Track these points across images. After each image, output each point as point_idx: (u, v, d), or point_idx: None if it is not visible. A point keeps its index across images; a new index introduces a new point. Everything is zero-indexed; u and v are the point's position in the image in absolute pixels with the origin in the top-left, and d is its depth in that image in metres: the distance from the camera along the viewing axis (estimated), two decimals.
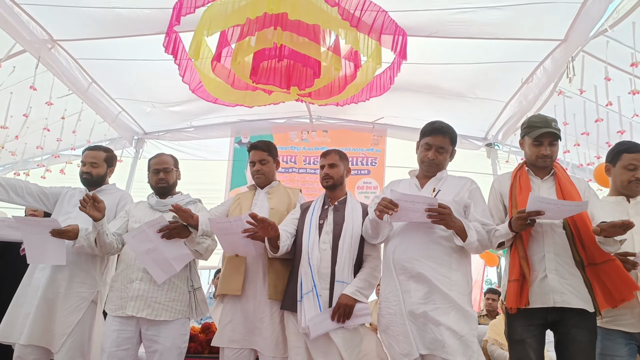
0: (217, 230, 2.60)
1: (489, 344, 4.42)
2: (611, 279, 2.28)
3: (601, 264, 2.31)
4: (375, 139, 6.31)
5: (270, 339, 2.64)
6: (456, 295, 2.31)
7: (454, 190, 2.50)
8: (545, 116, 2.61)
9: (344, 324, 2.47)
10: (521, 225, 2.29)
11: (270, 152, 3.02)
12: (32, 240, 2.74)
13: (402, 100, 5.29)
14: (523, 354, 2.36)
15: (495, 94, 4.96)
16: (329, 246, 2.63)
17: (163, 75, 4.65)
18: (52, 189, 3.18)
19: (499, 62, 4.36)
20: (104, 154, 3.20)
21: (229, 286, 2.76)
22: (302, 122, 6.31)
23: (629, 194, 2.62)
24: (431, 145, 2.57)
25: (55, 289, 2.85)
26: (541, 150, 2.52)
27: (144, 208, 2.98)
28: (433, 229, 2.39)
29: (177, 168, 3.11)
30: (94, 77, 4.76)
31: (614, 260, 2.31)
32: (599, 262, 2.31)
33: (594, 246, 2.30)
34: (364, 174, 6.26)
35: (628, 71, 3.74)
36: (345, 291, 2.51)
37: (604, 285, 2.29)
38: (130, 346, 2.71)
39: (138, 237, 2.63)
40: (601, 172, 3.17)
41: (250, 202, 2.95)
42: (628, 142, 2.70)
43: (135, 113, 5.72)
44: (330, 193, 2.85)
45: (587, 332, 2.31)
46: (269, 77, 3.88)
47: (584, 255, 2.33)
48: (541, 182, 2.55)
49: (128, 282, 2.75)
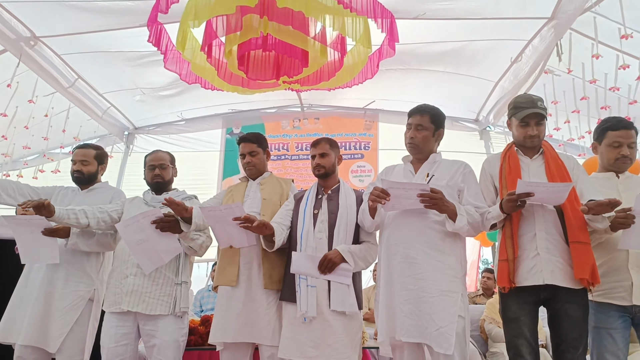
0: (209, 219, 2.60)
1: (486, 322, 4.48)
2: (582, 259, 2.29)
3: (578, 244, 2.31)
4: (368, 124, 6.31)
5: (267, 329, 2.66)
6: (450, 279, 2.32)
7: (448, 175, 2.50)
8: (531, 96, 2.60)
9: (324, 275, 2.53)
10: (512, 207, 2.31)
11: (260, 144, 3.02)
12: (24, 240, 2.75)
13: (392, 82, 5.27)
14: (517, 331, 2.38)
15: (485, 73, 4.96)
16: (325, 235, 2.65)
17: (151, 62, 4.60)
18: (44, 189, 3.17)
19: (487, 39, 4.34)
20: (94, 152, 3.19)
21: (224, 277, 2.78)
22: (294, 111, 6.29)
23: (617, 170, 2.64)
24: (411, 124, 2.60)
25: (51, 289, 2.85)
26: (528, 130, 2.52)
27: (139, 204, 2.98)
28: (427, 214, 2.40)
29: (173, 165, 3.11)
30: (79, 73, 4.71)
31: (588, 244, 2.32)
32: (581, 242, 2.32)
33: (578, 225, 2.32)
34: (358, 158, 6.26)
35: (616, 47, 3.73)
36: (338, 247, 2.57)
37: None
38: (129, 342, 2.73)
39: (131, 227, 2.63)
40: (590, 163, 3.17)
41: (242, 193, 2.95)
42: (613, 119, 2.69)
43: (124, 107, 5.68)
44: (322, 182, 2.86)
45: (579, 307, 2.33)
46: (258, 68, 3.86)
47: (570, 233, 2.34)
48: (530, 162, 2.56)
49: (122, 278, 2.76)
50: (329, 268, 2.54)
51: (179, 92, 5.31)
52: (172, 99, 5.53)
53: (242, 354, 2.74)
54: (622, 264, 2.45)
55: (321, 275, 2.54)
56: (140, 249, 2.65)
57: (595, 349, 2.44)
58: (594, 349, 2.45)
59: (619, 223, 2.30)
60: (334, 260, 2.54)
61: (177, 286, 2.80)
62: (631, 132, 2.60)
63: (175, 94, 5.41)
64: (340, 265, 2.55)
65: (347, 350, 2.50)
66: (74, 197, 3.10)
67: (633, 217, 2.26)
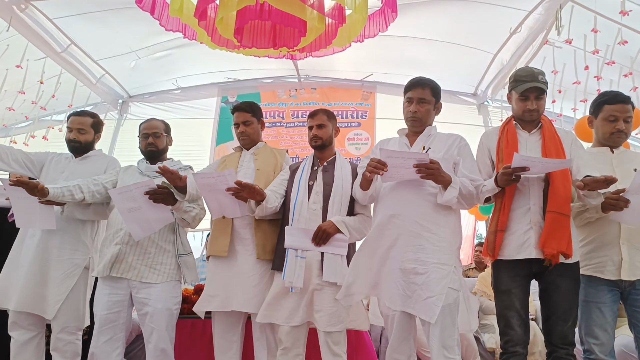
0: (201, 187, 2.58)
1: (477, 295, 4.54)
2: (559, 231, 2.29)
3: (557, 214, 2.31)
4: (365, 95, 6.26)
5: (259, 298, 2.67)
6: (443, 251, 2.32)
7: (444, 148, 2.48)
8: (532, 69, 2.57)
9: (319, 247, 2.54)
10: (506, 180, 2.30)
11: (254, 113, 2.99)
12: (20, 204, 2.73)
13: (390, 55, 5.20)
14: (508, 303, 2.41)
15: (484, 44, 4.89)
16: (319, 206, 2.65)
17: (145, 22, 4.42)
18: (38, 155, 3.13)
19: (487, 3, 4.26)
20: (91, 120, 3.14)
21: (216, 247, 2.78)
22: (290, 82, 6.22)
23: (611, 145, 2.62)
24: (412, 98, 2.55)
25: (46, 256, 2.85)
26: (527, 104, 2.50)
27: (133, 173, 2.96)
28: (423, 186, 2.38)
29: (168, 134, 3.07)
30: (72, 39, 4.60)
31: (569, 217, 2.33)
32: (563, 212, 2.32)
33: (561, 197, 2.32)
34: (355, 127, 6.23)
35: (616, 20, 3.68)
36: (332, 219, 2.57)
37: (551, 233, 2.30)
38: (121, 309, 2.74)
39: (124, 195, 2.62)
40: (582, 126, 3.14)
41: (236, 163, 2.93)
42: (610, 93, 2.65)
43: (119, 74, 5.58)
44: (319, 153, 2.84)
45: (570, 280, 2.36)
46: (255, 37, 3.78)
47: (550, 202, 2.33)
48: (528, 136, 2.54)
49: (114, 245, 2.76)
50: (323, 239, 2.54)
51: (174, 54, 5.18)
52: (167, 65, 5.43)
53: (234, 322, 2.77)
54: (613, 238, 2.46)
55: (316, 248, 2.55)
56: (131, 216, 2.64)
57: (584, 322, 2.47)
58: (583, 322, 2.47)
59: (610, 204, 2.30)
60: (328, 230, 2.54)
61: (190, 255, 2.83)
62: (628, 106, 2.57)
63: (171, 57, 5.28)
64: (335, 236, 2.56)
65: (333, 319, 2.52)
66: (67, 164, 3.07)
67: (625, 201, 2.25)
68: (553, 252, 2.26)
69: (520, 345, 2.37)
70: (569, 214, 2.34)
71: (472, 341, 4.05)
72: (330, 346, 2.52)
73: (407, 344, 2.44)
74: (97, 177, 2.91)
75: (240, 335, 2.81)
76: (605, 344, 2.40)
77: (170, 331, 2.76)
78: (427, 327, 2.26)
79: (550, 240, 2.27)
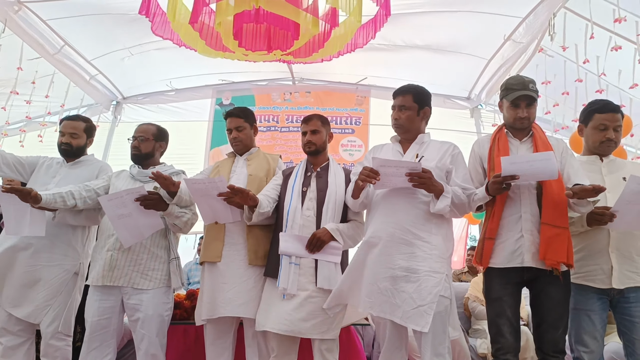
0: (193, 192, 2.59)
1: (470, 300, 4.54)
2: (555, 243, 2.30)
3: (556, 227, 2.32)
4: (359, 99, 6.27)
5: (252, 304, 2.66)
6: (435, 259, 2.31)
7: (437, 156, 2.48)
8: (522, 77, 2.59)
9: (313, 254, 2.55)
10: (497, 189, 2.31)
11: (247, 119, 2.98)
12: (11, 211, 2.69)
13: (384, 58, 5.21)
14: (500, 310, 2.42)
15: (478, 50, 4.91)
16: (313, 213, 2.66)
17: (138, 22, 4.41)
18: (29, 159, 3.11)
19: (482, 12, 4.29)
20: (84, 124, 3.13)
21: (209, 253, 2.78)
22: (285, 84, 6.21)
23: (601, 154, 2.64)
24: (394, 106, 2.59)
25: (36, 261, 2.82)
26: (518, 112, 2.51)
27: (125, 178, 2.94)
28: (415, 194, 2.39)
29: (159, 140, 3.04)
30: (66, 39, 4.58)
31: (567, 229, 2.34)
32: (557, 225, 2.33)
33: (556, 208, 2.33)
34: (349, 133, 6.24)
35: (609, 28, 3.70)
36: (326, 226, 2.58)
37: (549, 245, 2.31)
38: (112, 315, 2.73)
39: (114, 202, 2.61)
40: (576, 141, 3.16)
41: (229, 169, 2.93)
42: (600, 101, 2.67)
43: (113, 74, 5.56)
44: (312, 159, 2.85)
45: (560, 289, 2.36)
46: (251, 40, 3.79)
47: (544, 213, 2.35)
48: (520, 144, 2.56)
49: (106, 252, 2.74)
50: (317, 247, 2.55)
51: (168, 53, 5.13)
52: (161, 65, 5.40)
53: (226, 328, 2.76)
54: (602, 247, 2.48)
55: (310, 255, 2.55)
56: (121, 222, 2.63)
57: (574, 329, 2.49)
58: (572, 330, 2.49)
59: (595, 219, 2.34)
60: (322, 238, 2.55)
61: (174, 260, 2.82)
62: (617, 115, 2.59)
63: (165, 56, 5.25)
64: (329, 244, 2.56)
65: (325, 326, 2.52)
66: (58, 169, 3.05)
67: (611, 215, 2.29)
68: (554, 263, 2.29)
69: (511, 352, 2.38)
70: (564, 226, 2.33)
71: (465, 347, 4.06)
72: (323, 353, 2.52)
73: (399, 352, 2.45)
74: (89, 182, 2.89)
75: (232, 342, 2.80)
76: (595, 351, 2.43)
77: (162, 337, 2.75)
78: (419, 334, 2.26)
79: (550, 253, 2.29)
